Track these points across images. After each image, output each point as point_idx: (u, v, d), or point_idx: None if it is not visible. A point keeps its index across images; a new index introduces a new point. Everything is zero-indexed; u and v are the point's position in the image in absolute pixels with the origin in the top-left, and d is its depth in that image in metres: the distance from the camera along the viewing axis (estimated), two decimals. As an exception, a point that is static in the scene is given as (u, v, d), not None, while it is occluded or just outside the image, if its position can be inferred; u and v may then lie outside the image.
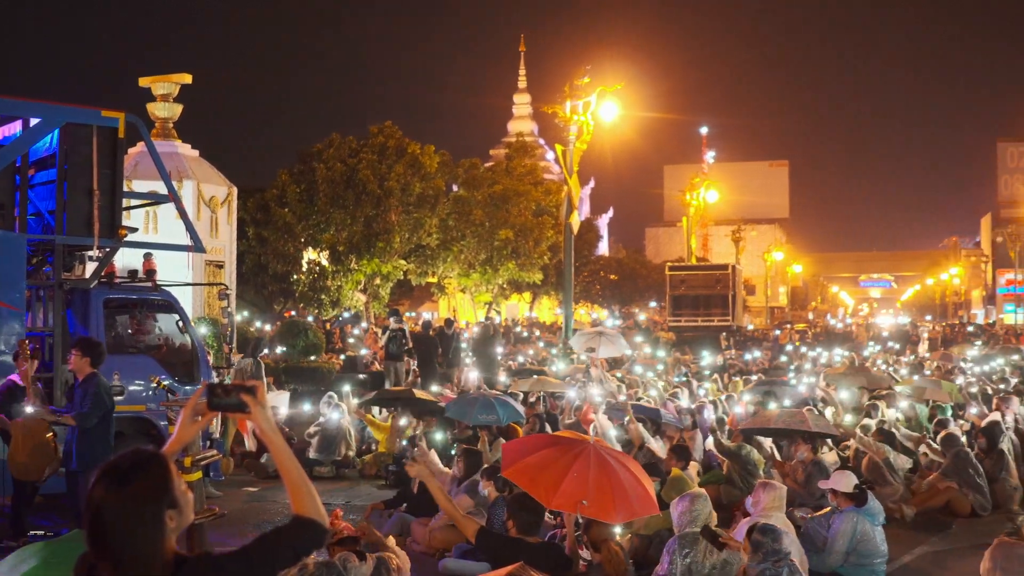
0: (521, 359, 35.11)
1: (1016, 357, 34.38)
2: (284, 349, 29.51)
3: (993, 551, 7.13)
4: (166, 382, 13.45)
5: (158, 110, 26.57)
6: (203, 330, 21.86)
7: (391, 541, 9.74)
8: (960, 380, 25.12)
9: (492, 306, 60.01)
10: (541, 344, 41.98)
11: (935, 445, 16.57)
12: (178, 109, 26.82)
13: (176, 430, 4.23)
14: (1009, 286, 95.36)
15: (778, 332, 57.29)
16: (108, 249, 15.41)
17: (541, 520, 9.32)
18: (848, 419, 19.56)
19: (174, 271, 20.88)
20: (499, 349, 33.57)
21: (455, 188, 55.24)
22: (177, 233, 18.19)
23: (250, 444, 19.41)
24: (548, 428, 18.11)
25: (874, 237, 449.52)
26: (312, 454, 19.36)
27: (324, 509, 3.99)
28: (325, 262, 45.88)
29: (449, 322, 30.14)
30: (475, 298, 58.39)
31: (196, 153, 27.23)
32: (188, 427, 4.18)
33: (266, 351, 26.39)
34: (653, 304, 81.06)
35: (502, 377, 26.78)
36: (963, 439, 16.24)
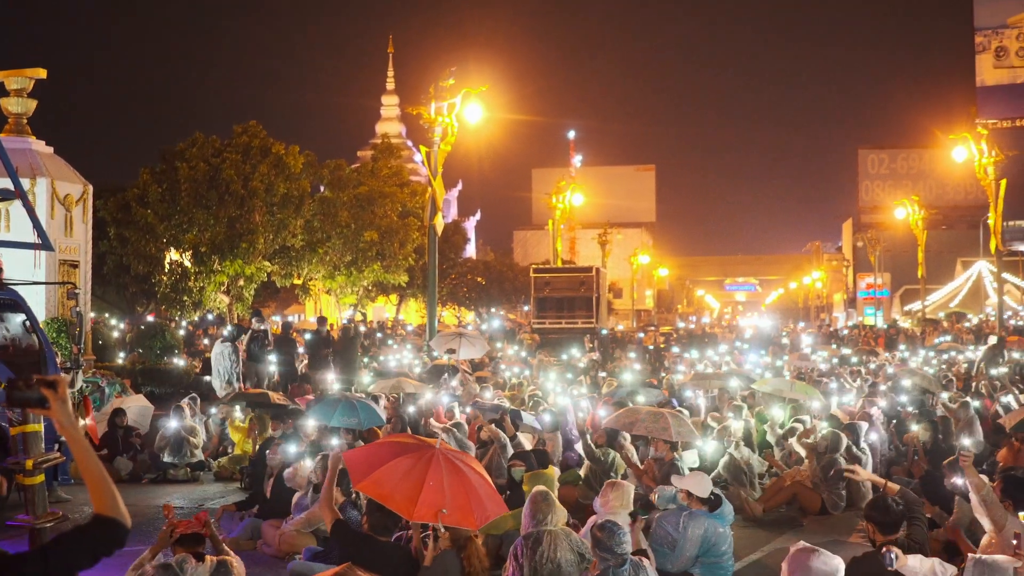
0: (390, 360, 34.96)
1: (874, 359, 34.96)
2: (140, 351, 29.08)
3: (790, 561, 7.12)
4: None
5: (11, 105, 25.89)
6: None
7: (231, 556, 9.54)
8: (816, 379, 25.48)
9: (357, 308, 59.70)
10: (408, 346, 41.79)
11: (804, 441, 16.77)
12: (32, 104, 26.15)
13: None
14: (869, 289, 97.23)
15: (642, 335, 57.75)
16: (-49, 246, 15.00)
17: (395, 524, 9.25)
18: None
19: (25, 270, 20.36)
20: (361, 351, 33.38)
21: (321, 189, 54.88)
22: (29, 231, 17.73)
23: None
24: (409, 431, 18.03)
25: (739, 241, 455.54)
26: (166, 457, 19.10)
27: (126, 508, 3.85)
28: (187, 263, 45.17)
29: (322, 320, 29.74)
30: (340, 300, 58.03)
31: (51, 150, 26.58)
32: None
33: (242, 337, 25.96)
34: (527, 308, 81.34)
35: (364, 379, 26.59)
36: (844, 440, 16.39)
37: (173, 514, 9.51)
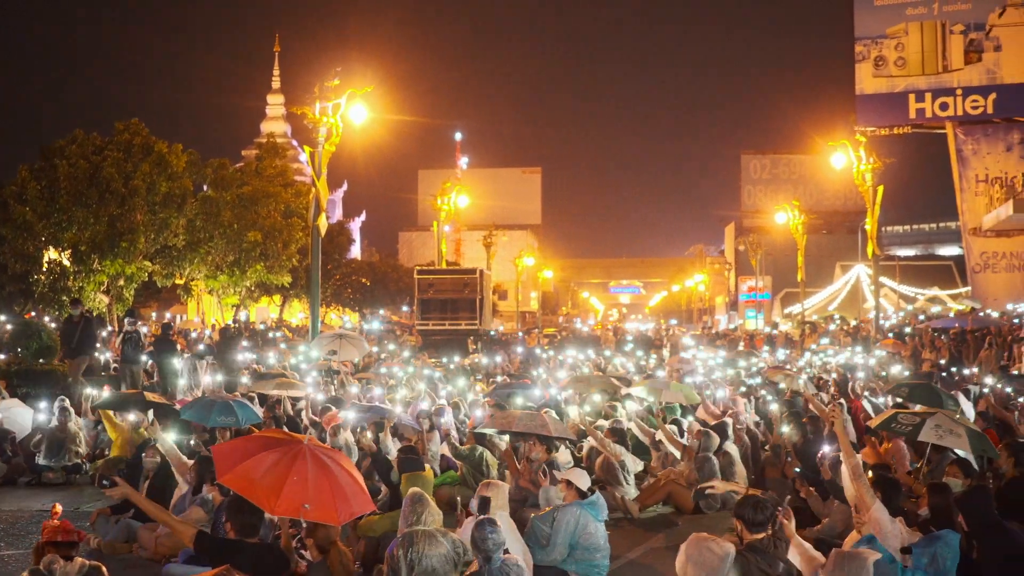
0: (272, 361, 34.75)
1: (751, 360, 35.42)
2: (19, 351, 28.55)
3: (687, 547, 7.46)
4: None
5: None
6: None
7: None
8: (693, 380, 25.78)
9: (239, 308, 59.29)
10: (284, 347, 41.48)
11: (679, 440, 17.00)
12: (-93, 101, 25.67)
13: None
14: (750, 292, 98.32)
15: (523, 335, 58.05)
16: None
17: (260, 522, 9.20)
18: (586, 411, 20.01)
19: None
20: (241, 352, 33.16)
21: (204, 188, 54.40)
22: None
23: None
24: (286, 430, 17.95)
25: (624, 244, 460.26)
26: (40, 460, 18.81)
27: None
28: (67, 262, 44.65)
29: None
30: (222, 300, 57.56)
31: (-75, 147, 26.15)
32: None
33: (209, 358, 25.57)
34: (405, 308, 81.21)
35: (244, 379, 26.37)
36: (717, 439, 16.64)
37: (57, 513, 9.42)
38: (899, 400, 18.61)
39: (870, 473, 10.95)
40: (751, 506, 8.92)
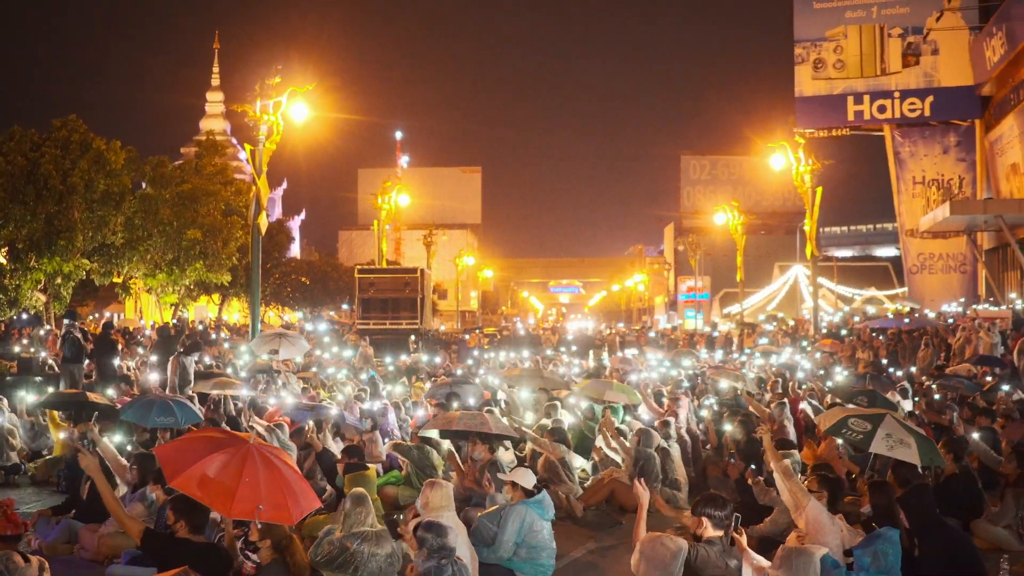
0: (208, 361, 34.56)
1: (689, 361, 35.62)
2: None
3: (642, 544, 7.66)
4: None
5: None
6: None
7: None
8: (634, 379, 25.85)
9: (179, 307, 58.93)
10: (227, 346, 41.28)
11: (613, 443, 17.04)
12: None
13: None
14: (690, 292, 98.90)
15: (467, 336, 58.02)
16: None
17: (207, 521, 9.19)
18: (528, 419, 20.03)
19: None
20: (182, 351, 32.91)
21: (143, 186, 54.04)
22: None
23: None
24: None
25: (563, 244, 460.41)
26: (-23, 460, 18.62)
27: None
28: (3, 260, 44.23)
29: (108, 326, 28.86)
30: (161, 299, 57.18)
31: None
32: None
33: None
34: (346, 307, 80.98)
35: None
36: (656, 437, 16.68)
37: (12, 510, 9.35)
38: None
39: (808, 472, 11.11)
40: (719, 504, 9.09)
